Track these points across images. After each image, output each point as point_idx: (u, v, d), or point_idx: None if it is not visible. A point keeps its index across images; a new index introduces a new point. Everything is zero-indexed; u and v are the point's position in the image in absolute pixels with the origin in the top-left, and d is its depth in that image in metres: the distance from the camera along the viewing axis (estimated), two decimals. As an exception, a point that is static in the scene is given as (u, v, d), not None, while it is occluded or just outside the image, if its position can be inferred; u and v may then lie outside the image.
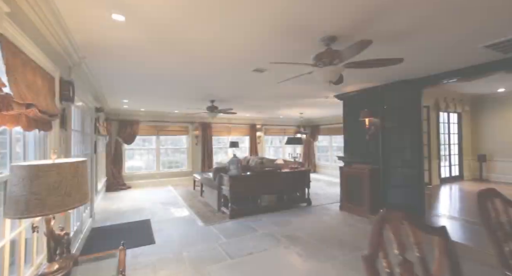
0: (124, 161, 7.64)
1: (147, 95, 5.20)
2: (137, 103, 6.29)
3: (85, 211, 3.90)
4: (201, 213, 4.74)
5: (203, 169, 8.60)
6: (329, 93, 5.18)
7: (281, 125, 10.63)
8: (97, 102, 5.08)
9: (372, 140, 4.59)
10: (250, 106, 6.84)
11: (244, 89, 4.74)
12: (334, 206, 5.16)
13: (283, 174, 4.94)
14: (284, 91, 4.88)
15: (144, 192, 6.92)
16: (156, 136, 8.19)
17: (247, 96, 5.40)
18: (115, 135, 7.46)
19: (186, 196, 6.25)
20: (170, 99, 5.68)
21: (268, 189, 4.77)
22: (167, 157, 8.48)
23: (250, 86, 4.48)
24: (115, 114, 7.47)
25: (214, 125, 9.06)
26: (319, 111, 8.36)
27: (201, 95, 5.25)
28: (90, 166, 4.38)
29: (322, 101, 6.17)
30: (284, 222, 4.20)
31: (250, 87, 4.52)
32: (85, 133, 4.09)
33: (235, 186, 4.43)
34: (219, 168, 5.01)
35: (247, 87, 4.51)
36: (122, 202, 5.73)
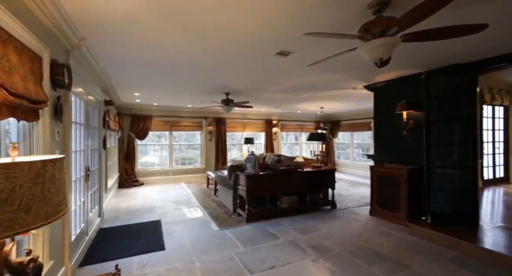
0: (136, 157, 7.42)
1: (158, 86, 4.86)
2: (149, 96, 5.99)
3: (92, 210, 3.62)
4: (215, 215, 4.36)
5: (217, 166, 8.26)
6: (358, 83, 4.60)
7: (298, 121, 10.08)
8: (106, 95, 4.79)
9: (410, 136, 3.99)
10: (267, 99, 6.36)
11: (263, 79, 4.27)
12: (363, 210, 4.62)
13: (305, 174, 4.45)
14: (307, 81, 4.36)
15: (157, 189, 6.66)
16: (169, 131, 7.91)
17: (265, 88, 4.92)
18: (128, 130, 7.24)
19: (200, 195, 5.91)
20: (183, 91, 5.32)
21: (289, 190, 4.31)
22: (180, 153, 8.21)
23: (270, 75, 4.00)
24: (128, 108, 7.24)
25: (228, 121, 8.67)
26: (341, 105, 7.74)
27: (215, 87, 4.84)
28: (99, 163, 4.10)
29: (348, 93, 5.59)
30: (308, 228, 3.73)
31: (270, 76, 4.04)
32: (92, 127, 3.79)
33: (253, 186, 4.00)
34: (234, 166, 4.60)
35: (266, 76, 4.04)
36: (133, 200, 5.48)
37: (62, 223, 2.33)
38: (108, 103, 4.73)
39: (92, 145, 3.76)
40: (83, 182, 3.15)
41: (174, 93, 5.50)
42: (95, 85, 3.74)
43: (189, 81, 4.37)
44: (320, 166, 4.88)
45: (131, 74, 3.96)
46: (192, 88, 4.95)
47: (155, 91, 5.27)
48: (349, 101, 6.85)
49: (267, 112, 9.29)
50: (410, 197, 3.74)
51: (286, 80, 4.33)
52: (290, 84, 4.65)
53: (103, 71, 3.67)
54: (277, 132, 9.56)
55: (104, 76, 3.92)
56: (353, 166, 9.44)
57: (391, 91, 4.36)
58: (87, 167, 3.24)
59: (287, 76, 4.01)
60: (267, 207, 4.34)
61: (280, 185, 4.23)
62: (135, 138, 7.31)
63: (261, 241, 3.29)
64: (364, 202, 5.17)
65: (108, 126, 4.89)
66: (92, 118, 3.74)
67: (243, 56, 3.06)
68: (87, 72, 3.18)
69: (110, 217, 4.29)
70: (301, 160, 5.74)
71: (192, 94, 5.59)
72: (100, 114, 4.19)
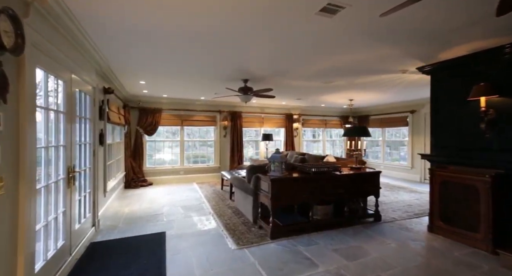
0: (145, 154, 6.79)
1: (164, 70, 4.10)
2: (157, 86, 5.28)
3: (80, 220, 2.92)
4: (231, 226, 3.57)
5: (232, 165, 7.49)
6: (412, 63, 3.61)
7: (321, 116, 9.10)
8: (105, 81, 4.10)
9: (491, 131, 2.98)
10: (291, 89, 5.47)
11: (291, 57, 3.39)
12: (416, 225, 3.65)
13: (344, 177, 3.54)
14: (349, 60, 3.44)
15: (166, 190, 5.98)
16: (180, 127, 7.21)
17: (292, 71, 4.04)
18: (135, 124, 6.60)
19: (213, 199, 5.15)
20: (193, 78, 4.54)
21: (324, 198, 3.42)
22: (192, 150, 7.51)
23: (302, 50, 3.12)
24: (135, 101, 6.60)
25: (244, 115, 7.86)
26: (375, 97, 6.70)
27: (231, 70, 4.01)
28: (93, 162, 3.41)
29: (393, 80, 4.58)
30: (353, 251, 2.84)
31: (302, 51, 3.15)
32: (83, 118, 3.09)
33: (279, 192, 3.16)
34: (255, 166, 3.77)
35: (297, 51, 3.16)
36: (137, 204, 4.80)
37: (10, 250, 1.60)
38: (108, 91, 4.03)
39: (82, 140, 3.06)
40: (64, 187, 2.44)
41: (184, 80, 4.73)
42: (86, 66, 3.02)
43: (200, 62, 3.57)
44: (360, 167, 3.95)
45: (129, 52, 3.21)
46: (204, 73, 4.15)
47: (162, 77, 4.52)
48: (387, 91, 5.81)
49: (288, 106, 8.39)
50: (496, 212, 2.75)
51: (323, 58, 3.42)
52: (325, 66, 3.74)
53: (94, 47, 2.95)
54: (298, 128, 8.63)
55: (98, 56, 3.20)
56: (384, 166, 8.36)
57: (460, 71, 3.34)
58: (70, 167, 2.53)
59: (326, 50, 3.10)
60: (296, 219, 3.48)
61: (313, 192, 3.35)
62: (143, 134, 6.66)
63: (294, 269, 2.44)
64: (413, 213, 4.19)
65: (109, 119, 4.21)
66: (81, 106, 3.03)
67: (270, 16, 2.20)
68: (68, 43, 2.45)
69: (107, 227, 3.60)
70: (332, 159, 4.82)
71: (204, 81, 4.80)
72: (95, 103, 3.49)
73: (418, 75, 4.30)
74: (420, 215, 4.05)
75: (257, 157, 8.28)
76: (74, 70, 2.65)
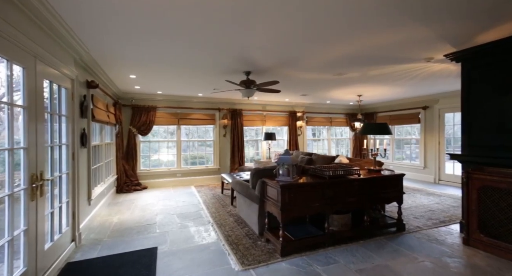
0: (138, 156, 6.29)
1: (156, 61, 3.61)
2: (150, 81, 4.78)
3: (53, 238, 2.43)
4: (234, 239, 3.08)
5: (233, 166, 7.00)
6: (440, 49, 3.12)
7: (326, 113, 8.62)
8: (88, 74, 3.60)
9: (543, 126, 2.50)
10: (298, 83, 4.98)
11: (302, 44, 2.90)
12: (446, 235, 3.17)
13: (365, 182, 3.06)
14: (369, 45, 2.95)
15: (161, 195, 5.48)
16: (177, 126, 6.72)
17: (302, 60, 3.54)
18: (128, 124, 6.11)
19: (213, 205, 4.66)
20: (189, 72, 4.05)
21: (342, 206, 2.94)
22: (189, 151, 7.01)
23: (315, 32, 2.63)
24: (127, 98, 6.10)
25: (245, 113, 7.37)
26: (386, 92, 6.22)
27: (232, 59, 3.52)
28: (72, 166, 2.92)
29: (413, 70, 4.09)
30: (380, 271, 2.36)
31: (315, 34, 2.67)
32: (57, 115, 2.60)
33: (291, 201, 2.67)
34: (260, 170, 3.28)
35: (309, 36, 2.67)
36: (128, 211, 4.30)
37: None
38: (92, 86, 3.54)
39: (55, 141, 2.57)
40: (26, 200, 1.95)
41: (178, 74, 4.24)
42: (59, 53, 2.53)
43: (195, 50, 3.07)
44: (380, 170, 3.47)
45: (112, 40, 2.71)
46: (200, 64, 3.66)
47: (154, 70, 4.03)
48: (401, 85, 5.33)
49: (291, 103, 7.91)
50: (555, 225, 2.27)
51: (341, 40, 2.93)
52: (341, 52, 3.25)
53: (68, 31, 2.45)
54: (302, 126, 8.15)
55: (75, 42, 2.70)
56: (393, 166, 7.88)
57: (505, 57, 2.86)
58: (35, 174, 2.03)
59: (347, 30, 2.62)
60: (309, 231, 3.00)
61: (329, 200, 2.87)
62: (136, 134, 6.17)
63: (313, 300, 1.96)
64: (438, 220, 3.71)
65: (94, 117, 3.72)
66: (54, 101, 2.54)
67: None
68: (28, 19, 1.96)
69: (91, 241, 3.11)
70: (345, 160, 4.34)
71: (201, 75, 4.30)
72: (74, 98, 2.99)
73: (442, 65, 3.82)
74: (447, 223, 3.58)
75: (258, 158, 7.80)
76: (41, 55, 2.15)
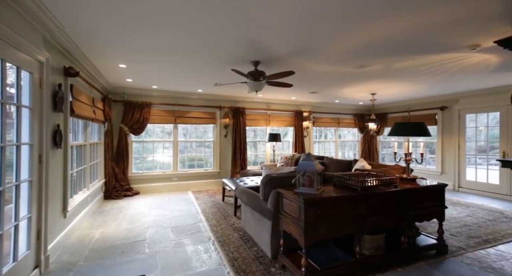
0: (130, 157, 5.67)
1: (148, 48, 3.01)
2: (142, 72, 4.18)
3: (0, 270, 1.82)
4: (241, 264, 2.48)
5: (234, 170, 6.41)
6: (490, 34, 2.57)
7: (334, 113, 8.06)
8: (65, 59, 2.99)
9: None
10: (310, 77, 4.40)
11: (323, 27, 2.33)
12: (499, 259, 2.61)
13: (403, 194, 2.49)
14: (401, 26, 2.39)
15: (154, 202, 4.87)
16: (174, 125, 6.11)
17: (321, 47, 2.97)
18: (119, 122, 5.49)
19: (213, 215, 4.05)
20: (187, 60, 3.45)
21: (375, 224, 2.36)
22: (187, 153, 6.40)
23: (341, 13, 2.06)
24: (118, 93, 5.49)
25: (248, 112, 6.79)
26: (401, 91, 5.68)
27: (237, 48, 2.95)
28: (39, 171, 2.31)
29: (442, 63, 3.54)
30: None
31: (341, 15, 2.10)
32: (12, 105, 1.99)
33: (317, 219, 2.09)
34: (273, 178, 2.69)
35: (333, 17, 2.10)
36: (114, 223, 3.69)
37: None
38: (70, 73, 2.93)
39: (8, 140, 1.96)
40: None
41: (176, 64, 3.64)
42: (17, 24, 1.93)
43: (195, 33, 2.48)
44: (414, 178, 2.89)
45: (92, 15, 2.11)
46: (201, 50, 3.06)
47: (146, 59, 3.43)
48: (423, 82, 4.79)
49: (297, 101, 7.34)
50: None
51: (374, 19, 2.36)
52: (369, 37, 2.68)
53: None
54: (308, 127, 7.58)
55: (42, 13, 2.11)
56: (407, 171, 7.32)
57: None
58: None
59: (381, 5, 2.05)
60: (335, 256, 2.40)
61: (362, 217, 2.28)
62: (128, 133, 5.55)
63: None
64: (480, 239, 3.15)
65: (73, 111, 3.11)
66: (4, 86, 1.93)
67: None
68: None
69: (61, 265, 2.49)
70: (367, 166, 3.77)
71: (201, 65, 3.71)
72: (43, 86, 2.39)
73: (482, 57, 3.28)
74: (493, 243, 3.01)
75: (262, 161, 7.21)
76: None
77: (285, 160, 6.04)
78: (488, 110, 5.65)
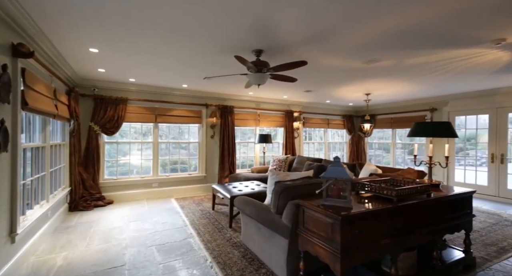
0: (102, 161, 4.88)
1: (128, 29, 2.41)
2: (118, 60, 3.51)
3: None
4: (251, 295, 1.99)
5: (222, 174, 5.86)
6: (525, 25, 2.37)
7: (324, 114, 7.84)
8: (12, 32, 2.28)
9: None
10: (314, 71, 4.03)
11: (344, 9, 1.95)
12: (531, 271, 2.40)
13: (436, 204, 2.17)
14: (426, 12, 2.09)
15: (132, 213, 4.17)
16: (154, 124, 5.42)
17: (339, 34, 2.59)
18: (89, 119, 4.70)
19: (204, 227, 3.49)
20: (175, 48, 2.89)
21: (410, 240, 2.00)
22: (169, 155, 5.72)
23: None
24: (88, 86, 4.70)
25: (237, 111, 6.29)
26: (396, 91, 5.56)
27: (238, 33, 2.47)
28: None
29: (456, 59, 3.35)
30: None
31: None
32: None
33: (354, 239, 1.67)
34: (290, 188, 2.23)
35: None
36: (83, 243, 2.98)
37: None
38: (20, 52, 2.23)
39: None
40: None
41: (159, 51, 3.05)
42: None
43: (185, 7, 1.97)
44: (437, 184, 2.62)
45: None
46: (191, 31, 2.53)
47: (125, 42, 2.80)
48: (423, 82, 4.66)
49: (288, 101, 6.99)
50: None
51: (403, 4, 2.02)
52: (389, 25, 2.35)
53: None
54: (299, 128, 7.26)
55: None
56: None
57: None
58: None
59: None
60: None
61: (398, 232, 1.92)
62: (100, 133, 4.77)
63: None
64: (497, 246, 2.97)
65: (26, 103, 2.40)
66: None
67: None
68: None
69: (5, 313, 1.81)
70: (379, 171, 3.47)
71: (190, 55, 3.15)
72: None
73: (498, 54, 3.13)
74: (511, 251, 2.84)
75: (251, 164, 6.73)
76: None
77: (278, 162, 5.63)
78: (477, 112, 5.72)
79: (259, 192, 3.68)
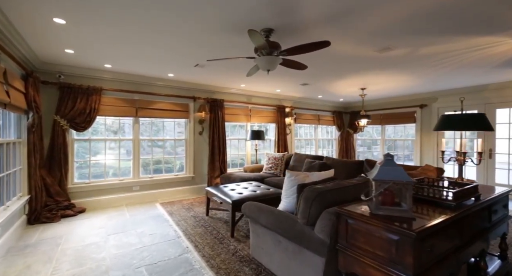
0: (70, 162, 4.11)
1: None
2: (92, 40, 2.83)
3: None
4: None
5: (212, 174, 5.33)
6: None
7: (315, 110, 7.58)
8: None
9: None
10: (324, 58, 3.66)
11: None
12: None
13: (486, 207, 1.91)
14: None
15: (110, 223, 3.50)
16: (134, 118, 4.72)
17: (365, 9, 2.23)
18: (53, 112, 3.91)
19: (202, 239, 2.97)
20: (162, 23, 2.33)
21: (468, 252, 1.71)
22: (153, 154, 5.05)
23: None
24: (52, 72, 3.90)
25: (227, 105, 5.77)
26: (391, 86, 5.43)
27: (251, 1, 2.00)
28: None
29: (467, 50, 3.17)
30: None
31: None
32: None
33: (425, 258, 1.31)
34: (324, 192, 1.82)
35: None
36: (47, 267, 2.32)
37: None
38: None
39: None
40: None
41: (141, 26, 2.46)
42: None
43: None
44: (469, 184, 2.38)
45: None
46: (183, 2, 2.02)
47: (99, 12, 2.18)
48: (421, 76, 4.53)
49: (280, 95, 6.61)
50: None
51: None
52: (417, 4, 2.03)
53: None
54: (291, 124, 6.92)
55: None
56: (386, 169, 7.27)
57: None
58: None
59: None
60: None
61: (458, 245, 1.60)
62: (67, 128, 3.99)
63: None
64: (516, 244, 2.84)
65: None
66: None
67: None
68: None
69: None
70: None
71: (182, 32, 2.60)
72: None
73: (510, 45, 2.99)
74: (536, 250, 2.71)
75: (242, 162, 6.25)
76: None
77: (274, 161, 5.23)
78: (466, 108, 5.78)
79: (264, 195, 3.25)
